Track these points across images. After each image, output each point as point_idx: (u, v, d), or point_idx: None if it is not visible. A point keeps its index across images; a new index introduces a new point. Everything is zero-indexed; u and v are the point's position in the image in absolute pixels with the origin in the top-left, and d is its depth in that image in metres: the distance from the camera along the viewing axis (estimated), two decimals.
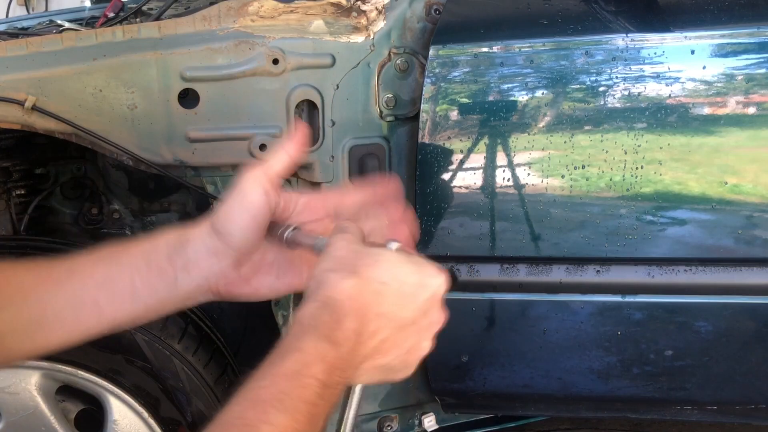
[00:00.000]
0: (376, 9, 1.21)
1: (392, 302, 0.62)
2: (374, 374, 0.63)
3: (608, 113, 1.14)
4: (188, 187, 1.28)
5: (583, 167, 1.15)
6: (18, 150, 1.51)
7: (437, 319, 0.66)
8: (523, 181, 1.17)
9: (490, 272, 1.23)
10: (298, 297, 1.34)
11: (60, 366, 1.30)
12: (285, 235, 0.73)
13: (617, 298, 1.22)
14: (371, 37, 1.21)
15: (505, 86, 1.16)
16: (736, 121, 1.13)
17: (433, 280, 0.64)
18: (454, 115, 1.17)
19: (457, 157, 1.17)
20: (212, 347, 1.41)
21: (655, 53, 1.12)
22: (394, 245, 0.65)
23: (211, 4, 1.25)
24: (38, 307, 0.68)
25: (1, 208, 1.52)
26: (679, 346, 1.25)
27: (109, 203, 1.64)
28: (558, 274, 1.22)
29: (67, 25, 1.58)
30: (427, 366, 1.30)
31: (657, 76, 1.12)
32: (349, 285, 0.60)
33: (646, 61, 1.12)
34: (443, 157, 1.18)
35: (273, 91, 1.19)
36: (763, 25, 1.13)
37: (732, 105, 1.13)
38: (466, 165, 1.18)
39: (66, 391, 1.37)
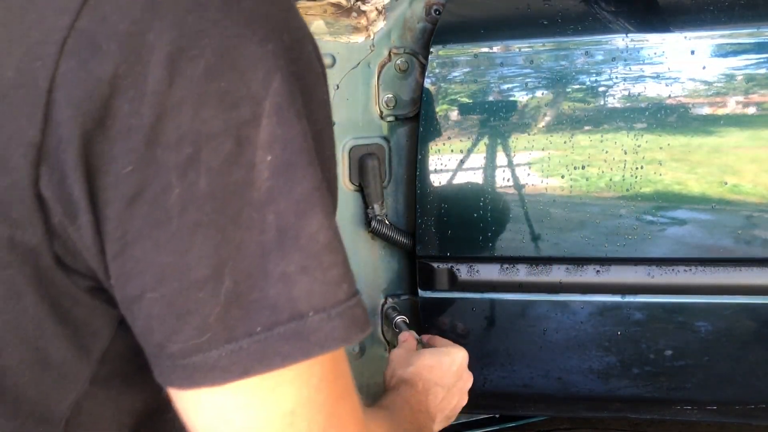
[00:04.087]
0: (376, 9, 1.21)
1: (439, 376, 0.95)
2: (443, 421, 0.96)
3: (608, 113, 1.14)
4: None
5: (583, 167, 1.15)
6: None
7: (467, 380, 1.00)
8: (523, 181, 1.17)
9: (490, 272, 1.23)
10: None
11: None
12: (395, 321, 1.24)
13: (617, 298, 1.22)
14: (371, 37, 1.21)
15: (505, 86, 1.16)
16: (736, 121, 1.13)
17: (456, 355, 0.98)
18: (454, 115, 1.17)
19: (457, 157, 1.17)
20: None
21: (655, 53, 1.12)
22: (410, 342, 1.08)
23: None
24: None
25: None
26: (679, 346, 1.25)
27: None
28: (558, 274, 1.22)
29: None
30: None
31: (657, 76, 1.12)
32: (408, 371, 0.95)
33: (646, 61, 1.12)
34: (443, 157, 1.18)
35: None
36: (763, 25, 1.13)
37: (732, 105, 1.13)
38: (466, 165, 1.18)
39: None
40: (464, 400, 1.00)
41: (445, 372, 0.96)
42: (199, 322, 0.47)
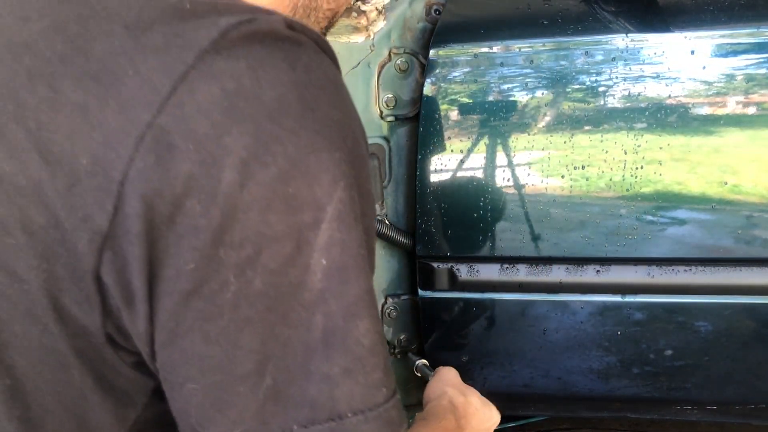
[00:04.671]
0: (376, 9, 1.21)
1: (477, 417, 0.98)
2: None
3: (608, 113, 1.14)
4: None
5: (583, 167, 1.15)
6: None
7: None
8: (523, 181, 1.17)
9: (490, 272, 1.23)
10: None
11: None
12: (416, 365, 1.28)
13: (617, 298, 1.22)
14: (371, 37, 1.21)
15: (505, 86, 1.16)
16: (736, 121, 1.13)
17: (496, 415, 1.02)
18: (454, 115, 1.17)
19: (457, 157, 1.17)
20: None
21: (655, 53, 1.12)
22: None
23: None
24: None
25: None
26: (679, 346, 1.25)
27: None
28: (558, 274, 1.22)
29: None
30: None
31: (657, 76, 1.12)
32: (462, 400, 1.00)
33: (646, 61, 1.12)
34: (443, 157, 1.18)
35: None
36: (763, 25, 1.13)
37: (732, 105, 1.13)
38: (466, 165, 1.18)
39: None
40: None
41: (481, 422, 0.98)
42: (235, 415, 0.48)
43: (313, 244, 0.48)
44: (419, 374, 1.28)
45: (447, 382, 1.06)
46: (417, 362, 1.29)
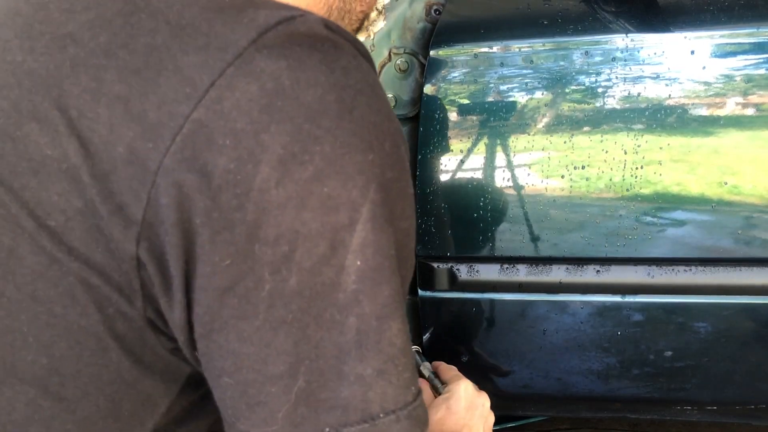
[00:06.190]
0: (376, 9, 1.21)
1: (453, 422, 0.92)
2: None
3: (608, 113, 1.14)
4: None
5: (583, 167, 1.15)
6: None
7: (483, 404, 0.97)
8: (522, 182, 1.17)
9: (490, 272, 1.23)
10: None
11: None
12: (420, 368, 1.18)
13: (617, 299, 1.22)
14: (371, 37, 1.21)
15: (505, 86, 1.16)
16: (736, 121, 1.13)
17: (460, 391, 0.94)
18: (454, 115, 1.17)
19: (457, 157, 1.18)
20: None
21: (655, 53, 1.12)
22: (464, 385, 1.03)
23: None
24: None
25: None
26: (678, 346, 1.25)
27: None
28: (558, 274, 1.22)
29: None
30: None
31: (657, 77, 1.12)
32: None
33: (646, 62, 1.12)
34: (443, 157, 1.18)
35: None
36: (763, 25, 1.13)
37: (732, 105, 1.13)
38: (466, 165, 1.18)
39: None
40: (491, 420, 0.99)
41: (456, 415, 0.96)
42: (267, 414, 0.48)
43: (348, 245, 0.48)
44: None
45: (469, 414, 0.97)
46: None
